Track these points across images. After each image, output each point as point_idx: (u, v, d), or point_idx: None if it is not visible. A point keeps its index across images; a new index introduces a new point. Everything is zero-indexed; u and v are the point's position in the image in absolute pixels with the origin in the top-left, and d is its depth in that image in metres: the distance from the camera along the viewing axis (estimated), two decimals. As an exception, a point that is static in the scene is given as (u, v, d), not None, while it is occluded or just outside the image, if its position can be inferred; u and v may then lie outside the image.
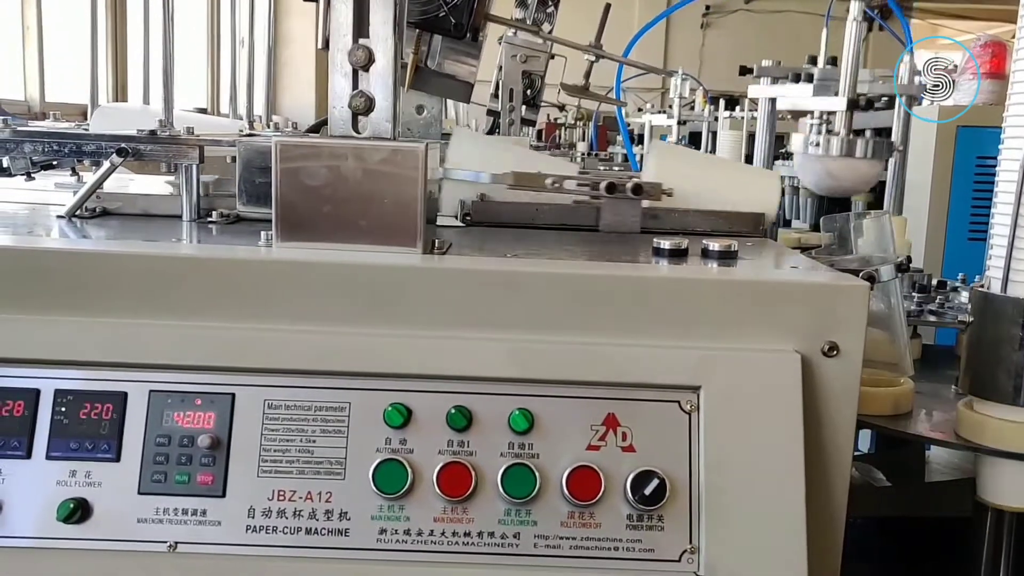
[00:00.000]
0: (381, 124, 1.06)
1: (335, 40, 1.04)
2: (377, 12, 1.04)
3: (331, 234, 1.03)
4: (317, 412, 0.95)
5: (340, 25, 1.04)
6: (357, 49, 1.03)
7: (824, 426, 0.99)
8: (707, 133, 5.18)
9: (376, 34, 1.04)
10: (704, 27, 12.53)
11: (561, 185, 1.34)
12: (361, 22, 1.04)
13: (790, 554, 0.92)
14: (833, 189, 2.20)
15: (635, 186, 1.35)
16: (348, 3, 1.04)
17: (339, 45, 1.04)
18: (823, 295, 0.98)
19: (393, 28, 1.04)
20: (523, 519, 0.93)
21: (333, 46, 1.05)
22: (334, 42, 1.04)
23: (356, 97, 1.04)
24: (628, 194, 1.34)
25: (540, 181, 1.34)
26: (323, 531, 0.93)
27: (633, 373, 0.97)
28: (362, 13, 1.04)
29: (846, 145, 2.08)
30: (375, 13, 1.04)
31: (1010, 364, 1.23)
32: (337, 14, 1.04)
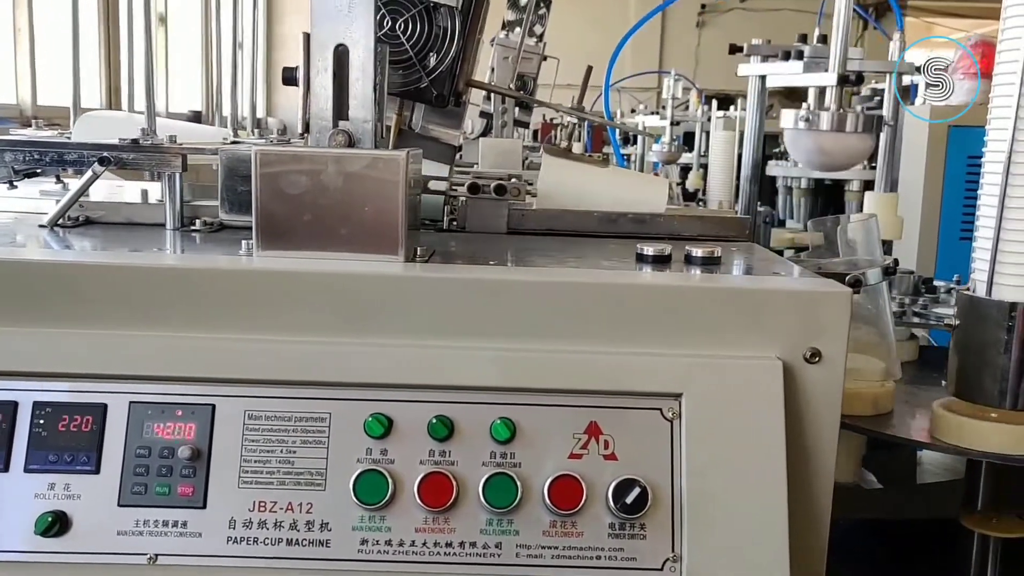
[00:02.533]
0: (361, 131, 1.05)
1: (315, 125, 1.06)
2: (356, 96, 1.05)
3: (312, 243, 1.02)
4: (298, 423, 0.95)
5: (320, 111, 1.05)
6: (337, 134, 1.04)
7: (807, 432, 0.98)
8: (700, 133, 5.18)
9: (355, 117, 1.05)
10: (699, 26, 12.53)
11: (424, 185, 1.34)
12: (340, 106, 1.05)
13: (772, 561, 0.92)
14: (824, 164, 2.19)
15: (497, 186, 1.35)
16: (328, 89, 1.04)
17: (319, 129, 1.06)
18: (805, 302, 0.98)
19: (373, 110, 1.05)
20: (505, 529, 0.93)
21: (313, 130, 1.06)
22: (314, 127, 1.06)
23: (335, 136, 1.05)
24: (491, 194, 1.35)
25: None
26: (304, 542, 0.92)
27: (615, 381, 0.96)
28: (342, 98, 1.05)
29: (836, 120, 2.07)
30: (354, 98, 1.05)
31: (996, 367, 1.22)
32: (316, 100, 1.05)
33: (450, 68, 1.30)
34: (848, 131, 2.09)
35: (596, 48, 3.21)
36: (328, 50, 1.04)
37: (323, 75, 1.04)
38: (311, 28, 1.04)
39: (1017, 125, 1.19)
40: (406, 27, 1.28)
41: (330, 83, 1.04)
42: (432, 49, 1.30)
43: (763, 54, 2.41)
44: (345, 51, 1.04)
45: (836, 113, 2.08)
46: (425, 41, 1.29)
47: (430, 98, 1.31)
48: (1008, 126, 1.19)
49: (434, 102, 1.31)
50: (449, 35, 1.29)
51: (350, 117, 1.05)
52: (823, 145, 2.08)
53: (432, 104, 1.33)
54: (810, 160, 2.19)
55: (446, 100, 1.31)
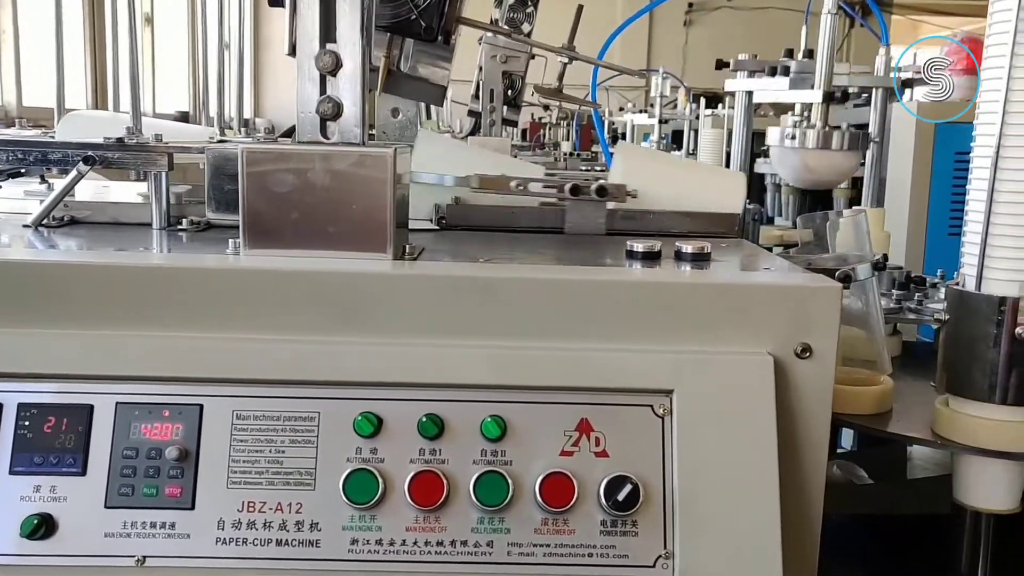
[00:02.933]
0: (350, 129, 1.04)
1: (302, 45, 1.03)
2: (344, 16, 1.03)
3: (300, 241, 1.02)
4: (286, 422, 0.94)
5: (307, 30, 1.03)
6: (324, 54, 1.02)
7: (799, 427, 0.98)
8: (689, 131, 5.19)
9: (343, 38, 1.03)
10: (687, 24, 12.55)
11: (526, 187, 1.33)
12: (328, 27, 1.03)
13: (765, 557, 0.92)
14: (810, 182, 2.19)
15: (599, 188, 1.34)
16: (314, 8, 1.02)
17: (306, 50, 1.03)
18: (795, 297, 0.98)
19: (361, 32, 1.03)
20: (496, 527, 0.93)
21: (300, 51, 1.04)
22: (301, 47, 1.03)
23: (324, 102, 1.03)
24: (592, 196, 1.34)
25: (504, 183, 1.33)
26: (294, 542, 0.92)
27: (606, 378, 0.96)
28: (329, 18, 1.03)
29: (822, 137, 2.07)
30: (342, 18, 1.03)
31: (985, 362, 1.22)
32: (303, 19, 1.03)
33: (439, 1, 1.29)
34: (834, 149, 2.09)
35: (583, 45, 3.19)
36: None
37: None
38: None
39: (1005, 120, 1.19)
40: (396, -44, 1.26)
41: (317, 2, 1.02)
42: (422, -19, 1.27)
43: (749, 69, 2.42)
44: None
45: (821, 131, 2.08)
46: (414, -28, 1.27)
47: (419, 31, 1.29)
48: (996, 121, 1.19)
49: (423, 35, 1.29)
50: (439, -33, 1.27)
51: (337, 39, 1.02)
52: (808, 162, 2.08)
53: (421, 38, 1.30)
54: (796, 177, 2.19)
55: (435, 33, 1.29)
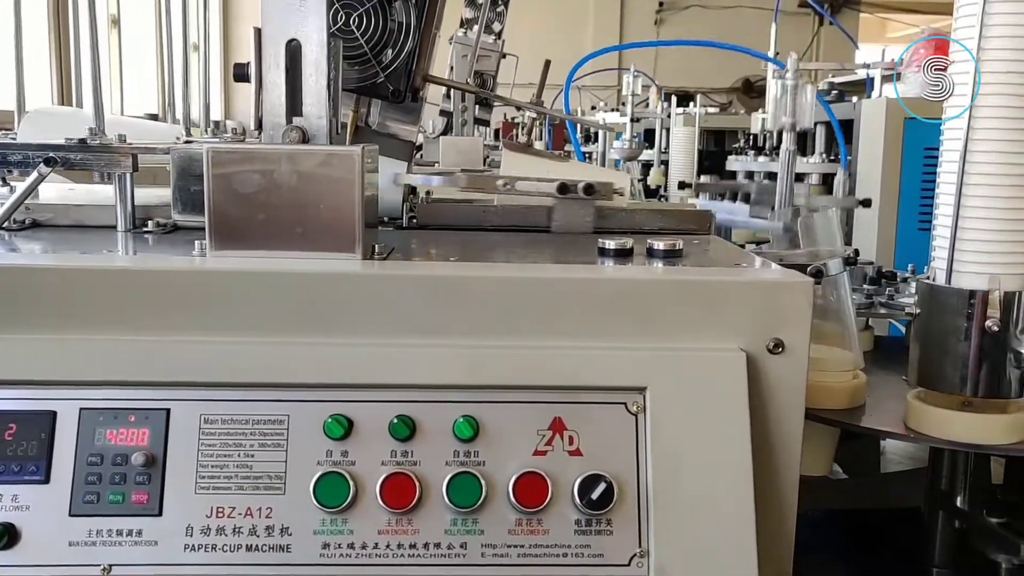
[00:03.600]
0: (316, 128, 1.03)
1: (268, 121, 1.04)
2: (310, 92, 1.03)
3: (267, 242, 1.00)
4: (255, 426, 0.92)
5: (272, 107, 1.03)
6: (291, 130, 1.03)
7: (772, 423, 0.98)
8: (660, 130, 5.20)
9: (310, 113, 1.03)
10: (658, 24, 12.60)
11: (513, 186, 1.33)
12: (294, 102, 1.03)
13: (740, 553, 0.92)
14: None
15: (587, 186, 1.34)
16: (280, 85, 1.02)
17: (272, 126, 1.04)
18: (767, 292, 0.98)
19: (328, 105, 1.03)
20: (470, 529, 0.92)
21: (266, 126, 1.04)
22: (267, 123, 1.04)
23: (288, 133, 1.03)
24: (580, 194, 1.34)
25: (492, 184, 1.33)
26: (264, 548, 0.90)
27: (578, 376, 0.95)
28: (295, 94, 1.03)
29: None
30: (308, 93, 1.03)
31: (956, 355, 1.23)
32: (269, 95, 1.03)
33: (406, 63, 1.29)
34: None
35: (556, 45, 3.20)
36: (280, 45, 1.02)
37: (275, 71, 1.02)
38: (262, 23, 1.02)
39: (973, 114, 1.19)
40: (361, 22, 1.26)
41: (283, 79, 1.02)
42: (388, 44, 1.28)
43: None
44: (298, 46, 1.02)
45: None
46: (380, 36, 1.27)
47: (386, 94, 1.29)
48: (964, 115, 1.20)
49: (390, 98, 1.29)
50: (405, 30, 1.27)
51: (304, 114, 1.03)
52: None
53: (388, 100, 1.31)
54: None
55: (403, 95, 1.30)
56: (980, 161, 1.19)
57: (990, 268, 1.21)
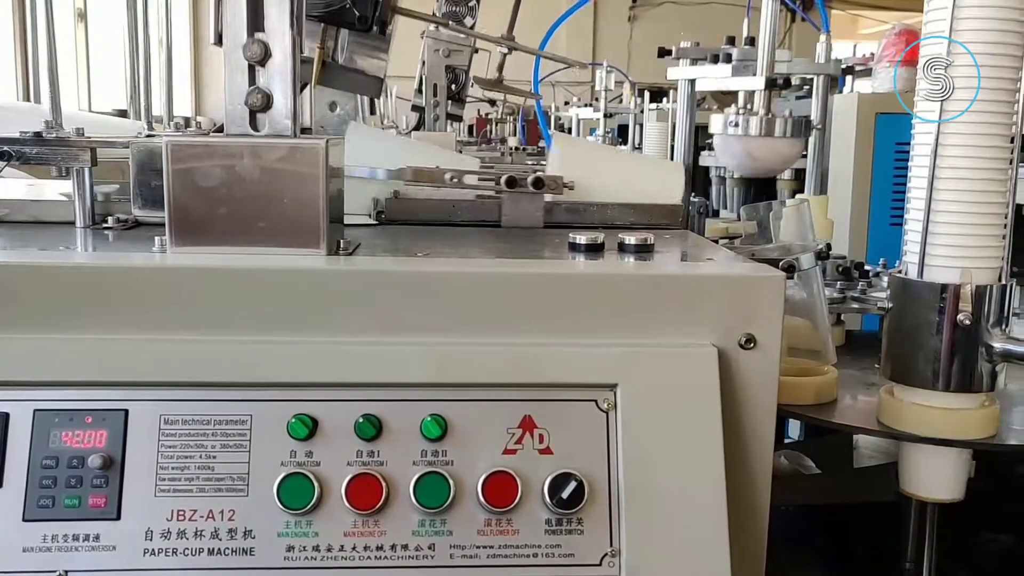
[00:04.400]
0: (280, 121, 1.00)
1: (228, 34, 0.99)
2: (273, 4, 0.99)
3: (229, 237, 0.98)
4: (217, 426, 0.90)
5: (233, 18, 0.99)
6: (252, 44, 0.98)
7: (744, 418, 0.97)
8: (634, 125, 5.20)
9: (272, 27, 0.99)
10: (631, 19, 12.62)
11: (460, 180, 1.31)
12: (256, 15, 0.99)
13: (712, 551, 0.90)
14: (753, 169, 2.18)
15: (535, 180, 1.32)
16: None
17: (233, 40, 0.99)
18: (738, 287, 0.97)
19: (291, 21, 0.99)
20: (438, 529, 0.90)
21: (227, 40, 0.99)
22: (227, 36, 0.99)
23: (252, 94, 0.99)
24: (529, 188, 1.32)
25: (439, 176, 1.31)
26: (226, 551, 0.88)
27: (549, 373, 0.94)
28: (257, 5, 0.99)
29: (765, 124, 2.06)
30: (271, 5, 0.99)
31: (928, 349, 1.22)
32: (229, 6, 0.98)
33: None
34: (777, 136, 2.08)
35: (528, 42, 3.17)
36: None
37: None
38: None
39: (943, 107, 1.19)
40: (327, -56, 1.22)
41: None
42: (355, -30, 1.24)
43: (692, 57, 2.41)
44: None
45: (765, 118, 2.07)
46: (347, -39, 1.23)
47: (353, 20, 1.25)
48: (935, 107, 1.19)
49: (357, 25, 1.25)
50: (373, -44, 1.23)
51: (266, 28, 0.98)
52: (751, 150, 2.07)
53: (355, 28, 1.26)
54: (740, 165, 2.18)
55: (370, 23, 1.25)
56: (951, 155, 1.19)
57: (961, 262, 1.20)
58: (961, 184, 1.19)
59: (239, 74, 1.00)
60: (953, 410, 1.23)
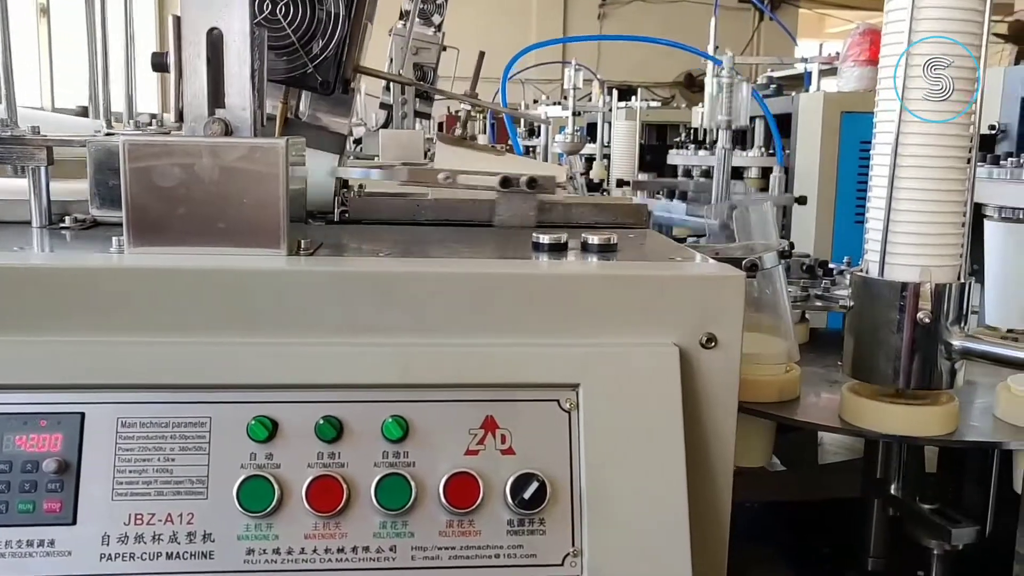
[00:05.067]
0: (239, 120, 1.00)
1: (189, 113, 0.99)
2: (234, 82, 0.99)
3: (188, 237, 0.97)
4: (176, 429, 0.89)
5: (194, 97, 0.99)
6: (213, 122, 0.98)
7: (705, 417, 0.97)
8: (602, 124, 5.21)
9: (234, 104, 0.99)
10: (601, 18, 12.64)
11: (455, 180, 1.31)
12: (217, 93, 0.99)
13: (673, 549, 0.91)
14: None
15: (529, 180, 1.32)
16: (202, 75, 0.98)
17: (194, 119, 0.99)
18: (699, 287, 0.97)
19: (252, 96, 0.99)
20: (399, 531, 0.89)
21: (187, 118, 0.99)
22: (188, 115, 0.99)
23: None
24: (523, 188, 1.32)
25: (432, 176, 1.31)
26: (185, 555, 0.87)
27: (511, 373, 0.94)
28: (218, 84, 0.99)
29: None
30: (232, 83, 0.99)
31: (889, 347, 1.23)
32: (190, 86, 0.98)
33: (335, 54, 1.25)
34: None
35: (498, 38, 3.18)
36: (201, 34, 0.98)
37: (196, 61, 0.98)
38: (181, 10, 0.98)
39: (904, 107, 1.20)
40: (288, 11, 1.23)
41: (204, 69, 0.98)
42: (316, 35, 1.24)
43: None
44: (220, 35, 0.98)
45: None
46: (309, 26, 1.24)
47: (315, 85, 1.26)
48: (895, 107, 1.20)
49: (319, 89, 1.26)
50: (334, 20, 1.24)
51: (227, 105, 0.99)
52: None
53: (318, 91, 1.28)
54: None
55: (332, 87, 1.26)
56: (911, 155, 1.20)
57: (921, 260, 1.21)
58: (920, 184, 1.20)
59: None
60: (914, 406, 1.24)
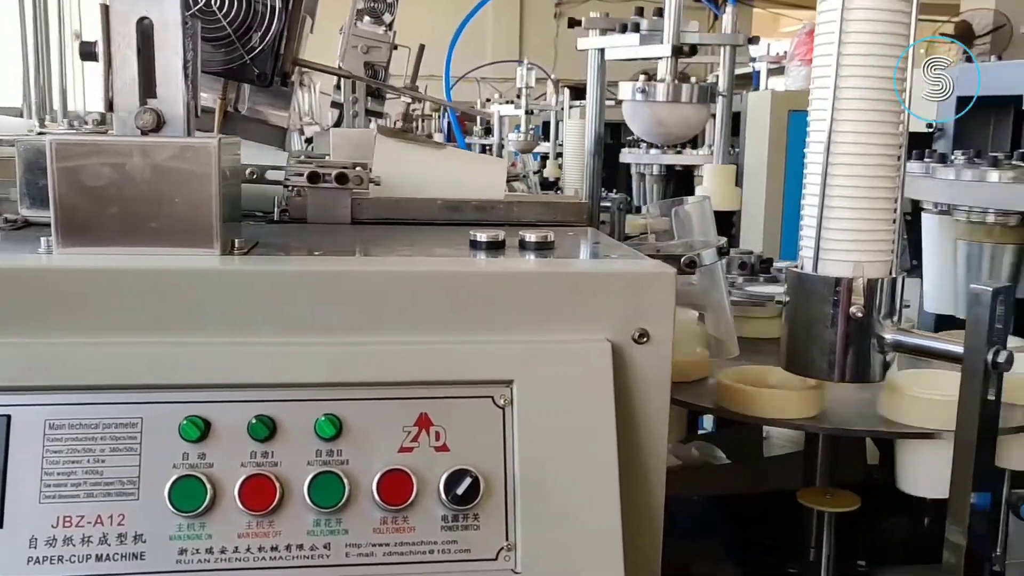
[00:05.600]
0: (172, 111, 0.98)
1: (120, 103, 0.97)
2: (165, 71, 0.97)
3: (118, 237, 0.96)
4: (106, 430, 0.89)
5: (124, 86, 0.97)
6: (144, 112, 0.97)
7: (638, 412, 0.99)
8: (555, 122, 5.22)
9: (166, 95, 0.98)
10: (557, 16, 12.65)
11: (262, 176, 1.28)
12: (148, 82, 0.97)
13: (605, 542, 0.92)
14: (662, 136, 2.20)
15: (339, 175, 1.30)
16: (131, 63, 0.96)
17: (125, 109, 0.97)
18: (631, 283, 0.98)
19: (185, 87, 0.98)
20: (333, 529, 0.90)
21: (118, 109, 0.98)
22: (119, 104, 0.97)
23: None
24: (332, 183, 1.30)
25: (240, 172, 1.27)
26: (116, 556, 0.86)
27: (445, 370, 0.94)
28: (148, 73, 0.97)
29: (672, 90, 2.08)
30: (163, 72, 0.97)
31: (824, 341, 1.25)
32: (120, 75, 0.97)
33: (273, 46, 1.25)
34: (684, 102, 2.10)
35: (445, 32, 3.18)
36: (130, 24, 0.96)
37: (126, 50, 0.96)
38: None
39: (835, 106, 1.22)
40: (223, 3, 1.21)
41: (134, 59, 0.96)
42: (253, 27, 1.23)
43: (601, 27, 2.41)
44: (150, 25, 0.97)
45: (671, 84, 2.10)
46: (245, 18, 1.23)
47: (252, 77, 1.25)
48: (827, 107, 1.22)
49: (256, 81, 1.25)
50: (271, 12, 1.23)
51: (159, 96, 0.97)
52: (660, 116, 2.09)
53: (255, 84, 1.27)
54: (648, 131, 2.19)
55: (269, 79, 1.25)
56: (842, 152, 1.22)
57: (854, 256, 1.24)
58: (852, 182, 1.22)
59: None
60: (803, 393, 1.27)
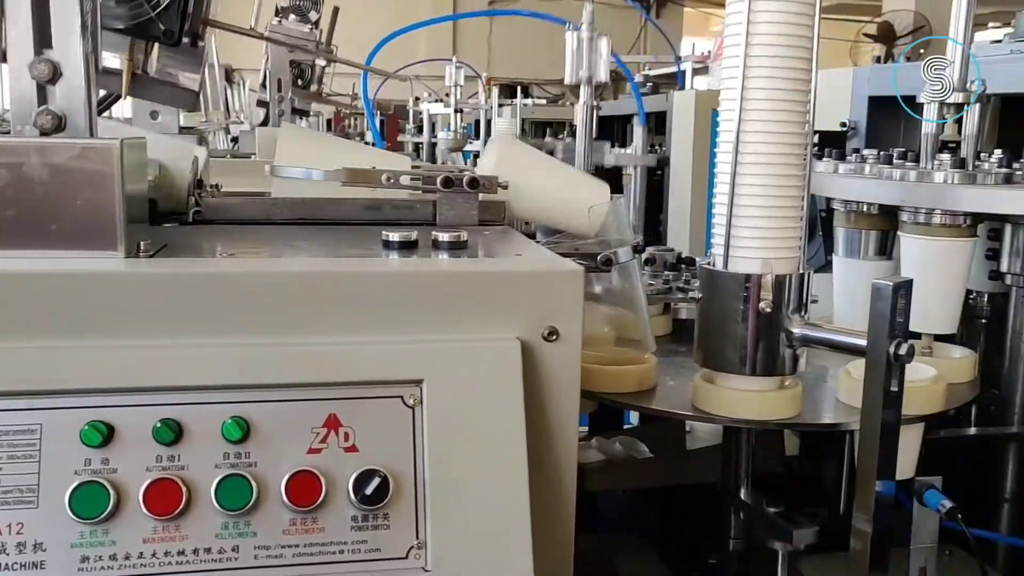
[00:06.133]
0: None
1: (13, 53, 0.94)
2: (60, 19, 0.94)
3: (17, 240, 0.94)
4: (3, 437, 0.87)
5: (18, 36, 0.94)
6: (39, 63, 0.94)
7: (548, 409, 1.00)
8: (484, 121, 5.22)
9: (62, 45, 0.95)
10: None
11: (396, 180, 1.31)
12: (43, 32, 0.94)
13: (515, 539, 0.93)
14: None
15: (471, 180, 1.34)
16: (24, 9, 0.93)
17: (19, 59, 0.94)
18: (540, 282, 1.00)
19: (82, 36, 0.95)
20: (242, 531, 0.89)
21: (11, 59, 0.94)
22: (12, 55, 0.94)
23: (42, 115, 0.95)
24: (464, 188, 1.34)
25: (376, 177, 1.31)
26: (15, 565, 0.85)
27: (354, 371, 0.94)
28: (43, 21, 0.94)
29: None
30: (58, 20, 0.94)
31: (735, 336, 1.28)
32: (12, 23, 0.94)
33: (180, 4, 1.22)
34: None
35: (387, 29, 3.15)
36: None
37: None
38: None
39: (743, 107, 1.25)
40: (128, -45, 1.19)
41: (28, 7, 0.92)
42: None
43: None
44: None
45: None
46: (151, -28, 1.20)
47: (158, 34, 1.22)
48: (735, 108, 1.25)
49: (163, 39, 1.23)
50: (180, -32, 1.20)
51: (54, 46, 0.94)
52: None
53: (162, 41, 1.24)
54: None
55: (176, 37, 1.23)
56: (751, 152, 1.25)
57: (763, 253, 1.27)
58: (760, 180, 1.26)
59: (27, 93, 0.96)
60: (760, 392, 1.30)
